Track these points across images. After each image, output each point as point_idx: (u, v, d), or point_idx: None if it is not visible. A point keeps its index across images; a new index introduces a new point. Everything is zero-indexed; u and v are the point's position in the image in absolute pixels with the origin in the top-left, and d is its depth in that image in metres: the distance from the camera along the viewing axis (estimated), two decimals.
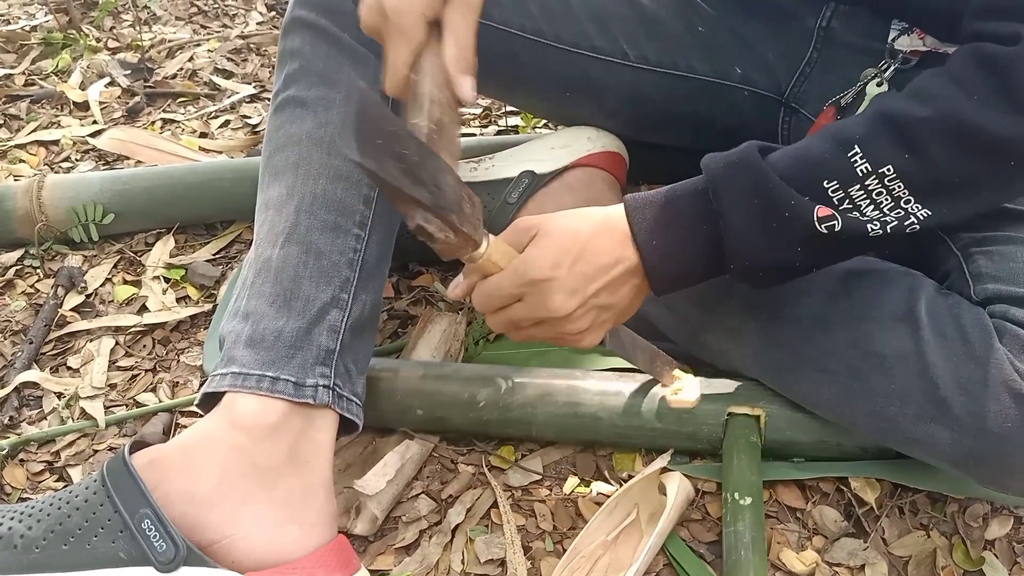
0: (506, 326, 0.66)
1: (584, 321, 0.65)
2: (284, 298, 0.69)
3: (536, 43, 0.86)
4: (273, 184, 0.75)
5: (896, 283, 0.69)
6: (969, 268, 0.69)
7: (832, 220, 0.62)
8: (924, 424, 0.64)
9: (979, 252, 0.69)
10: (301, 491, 0.65)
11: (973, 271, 0.68)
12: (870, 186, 0.62)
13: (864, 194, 0.62)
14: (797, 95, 0.89)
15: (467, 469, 0.78)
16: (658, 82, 0.89)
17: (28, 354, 0.92)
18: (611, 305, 0.65)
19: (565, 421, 0.77)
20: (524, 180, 0.93)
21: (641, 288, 0.67)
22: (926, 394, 0.64)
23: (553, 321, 0.64)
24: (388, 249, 0.78)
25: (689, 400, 0.74)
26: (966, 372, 0.62)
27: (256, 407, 0.65)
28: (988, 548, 0.72)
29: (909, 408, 0.65)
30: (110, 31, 1.60)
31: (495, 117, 1.31)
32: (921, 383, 0.64)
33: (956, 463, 0.65)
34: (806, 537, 0.73)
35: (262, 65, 1.49)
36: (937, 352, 0.64)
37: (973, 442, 0.62)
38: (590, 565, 0.69)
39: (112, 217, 1.04)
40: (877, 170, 0.61)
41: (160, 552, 0.60)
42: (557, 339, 0.66)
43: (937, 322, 0.65)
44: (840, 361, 0.68)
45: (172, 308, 0.97)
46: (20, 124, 1.34)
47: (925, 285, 0.68)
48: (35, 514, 0.63)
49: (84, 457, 0.82)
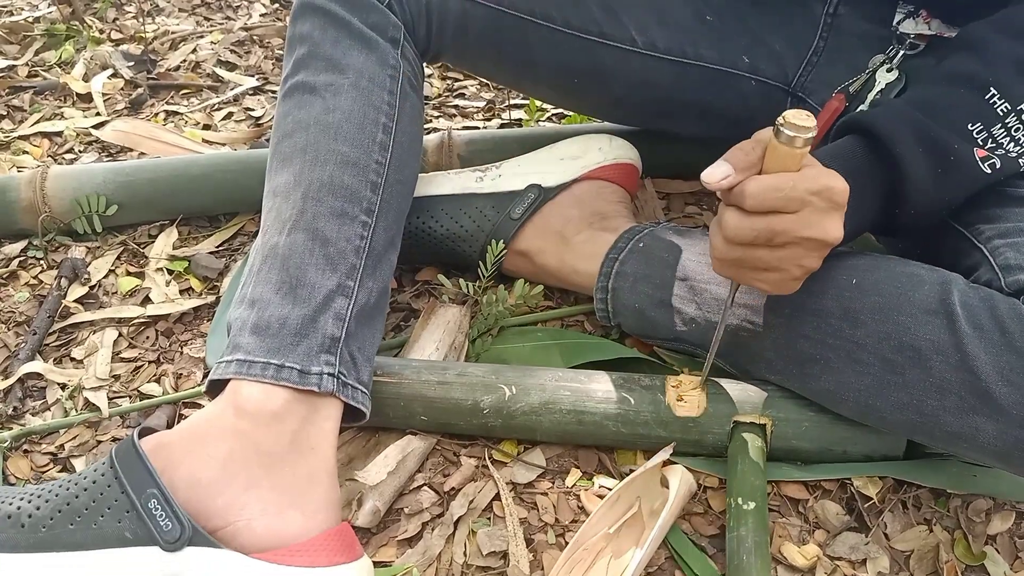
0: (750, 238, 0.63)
1: (816, 261, 0.65)
2: (290, 285, 0.69)
3: (546, 28, 0.86)
4: (281, 171, 0.75)
5: (924, 278, 0.69)
6: (997, 261, 0.69)
7: (991, 158, 0.68)
8: (967, 416, 0.64)
9: (1005, 245, 0.70)
10: (305, 477, 0.66)
11: (1002, 263, 0.69)
12: (1010, 124, 0.68)
13: (1005, 132, 0.68)
14: (804, 84, 0.89)
15: (469, 462, 0.78)
16: (666, 70, 0.89)
17: (32, 345, 0.92)
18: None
19: (570, 428, 0.77)
20: (530, 195, 0.92)
21: None
22: (967, 386, 0.64)
23: (812, 245, 0.63)
24: (396, 236, 0.78)
25: (694, 409, 0.74)
26: (1008, 362, 0.62)
27: (260, 394, 0.66)
28: (990, 543, 0.72)
29: (949, 401, 0.65)
30: (113, 23, 1.60)
31: (498, 110, 1.31)
32: (961, 375, 0.64)
33: (1001, 455, 0.65)
34: (807, 531, 0.73)
35: (265, 57, 1.48)
36: (976, 343, 0.64)
37: (1021, 431, 0.62)
38: (592, 557, 0.69)
39: (115, 208, 1.04)
40: (1016, 107, 0.68)
41: (166, 532, 0.61)
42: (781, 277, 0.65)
43: (972, 314, 0.65)
44: (872, 354, 0.68)
45: (175, 300, 0.97)
46: (23, 115, 1.33)
47: (955, 279, 0.68)
48: (43, 495, 0.63)
49: (88, 448, 0.82)
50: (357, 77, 0.77)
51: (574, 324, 0.92)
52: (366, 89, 0.77)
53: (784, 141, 0.59)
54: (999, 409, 0.63)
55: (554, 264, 0.90)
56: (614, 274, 0.83)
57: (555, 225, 0.90)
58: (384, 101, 0.77)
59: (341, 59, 0.77)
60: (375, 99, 0.77)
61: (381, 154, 0.76)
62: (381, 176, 0.75)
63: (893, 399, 0.68)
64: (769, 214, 0.62)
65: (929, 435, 0.68)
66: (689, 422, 0.75)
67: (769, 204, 0.61)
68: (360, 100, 0.76)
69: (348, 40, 0.78)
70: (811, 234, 0.62)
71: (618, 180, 0.95)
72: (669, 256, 0.81)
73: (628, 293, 0.82)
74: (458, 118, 1.31)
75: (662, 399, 0.76)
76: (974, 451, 0.66)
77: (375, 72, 0.78)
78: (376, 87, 0.78)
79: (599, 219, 0.90)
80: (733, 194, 0.62)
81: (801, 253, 0.63)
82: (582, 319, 0.93)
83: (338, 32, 0.78)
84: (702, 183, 0.62)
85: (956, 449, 0.68)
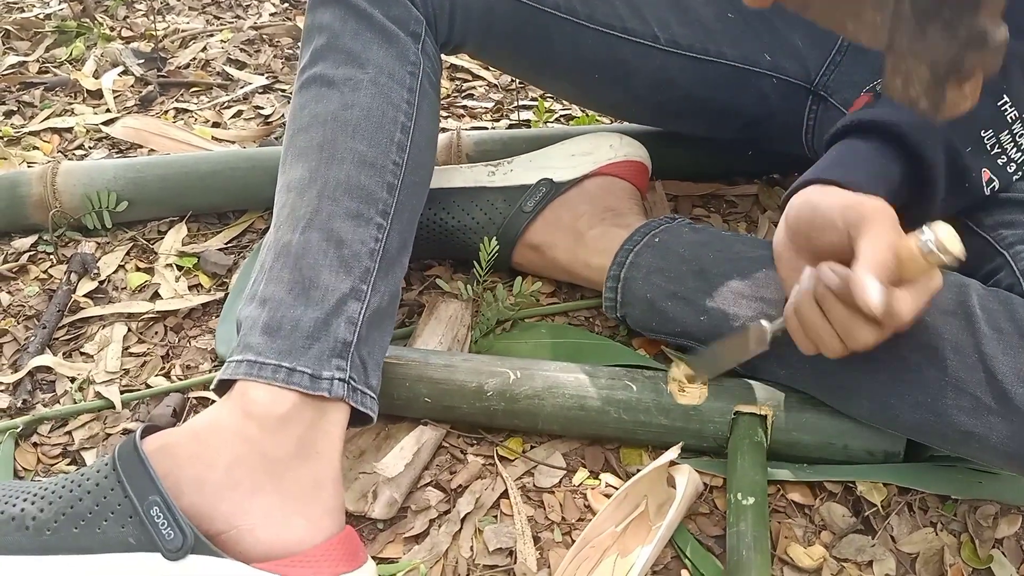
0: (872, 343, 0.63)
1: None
2: (303, 286, 0.68)
3: (569, 22, 0.86)
4: (296, 165, 0.74)
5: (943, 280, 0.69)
6: (1018, 265, 0.70)
7: (993, 181, 0.70)
8: (982, 416, 0.65)
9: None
10: (310, 483, 0.65)
11: (1022, 268, 0.69)
12: (1016, 130, 0.69)
13: (1010, 138, 0.69)
14: (827, 83, 0.89)
15: (476, 460, 0.79)
16: (687, 67, 0.89)
17: (41, 339, 0.92)
18: None
19: (571, 414, 0.77)
20: (542, 188, 0.92)
21: None
22: (983, 386, 0.64)
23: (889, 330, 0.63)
24: (409, 238, 0.77)
25: (696, 397, 0.74)
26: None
27: (268, 397, 0.65)
28: (996, 547, 0.72)
29: (964, 400, 0.65)
30: (124, 20, 1.60)
31: (507, 111, 1.32)
32: (978, 375, 0.65)
33: (1011, 456, 0.65)
34: (813, 532, 0.73)
35: (275, 56, 1.49)
36: (995, 345, 0.64)
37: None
38: (599, 555, 0.69)
39: (125, 204, 1.04)
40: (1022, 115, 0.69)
41: (168, 540, 0.60)
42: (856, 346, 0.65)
43: (991, 316, 0.65)
44: (889, 351, 0.68)
45: (184, 296, 0.98)
46: (34, 111, 1.34)
47: (972, 283, 0.69)
48: (47, 496, 0.63)
49: (98, 440, 0.82)
50: (377, 73, 0.76)
51: (581, 323, 0.92)
52: (385, 86, 0.76)
53: (934, 261, 0.59)
54: (1015, 410, 0.63)
55: (565, 258, 0.90)
56: (628, 264, 0.83)
57: (566, 219, 0.91)
58: (403, 99, 0.77)
59: (361, 52, 0.76)
60: (394, 97, 0.76)
61: (398, 154, 0.75)
62: (398, 178, 0.74)
63: (909, 398, 0.68)
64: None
65: (942, 436, 0.68)
66: (690, 410, 0.76)
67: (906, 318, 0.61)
68: (379, 97, 0.75)
69: (369, 33, 0.77)
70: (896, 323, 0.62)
71: (629, 177, 0.95)
72: (685, 251, 0.81)
73: (640, 283, 0.82)
74: (467, 118, 1.31)
75: (664, 387, 0.77)
76: (985, 452, 0.66)
77: (395, 68, 0.77)
78: (396, 84, 0.77)
79: (612, 215, 0.90)
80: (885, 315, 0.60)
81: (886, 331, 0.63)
82: (590, 316, 0.93)
83: (359, 24, 0.77)
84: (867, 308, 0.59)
85: (967, 450, 0.68)
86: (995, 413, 0.64)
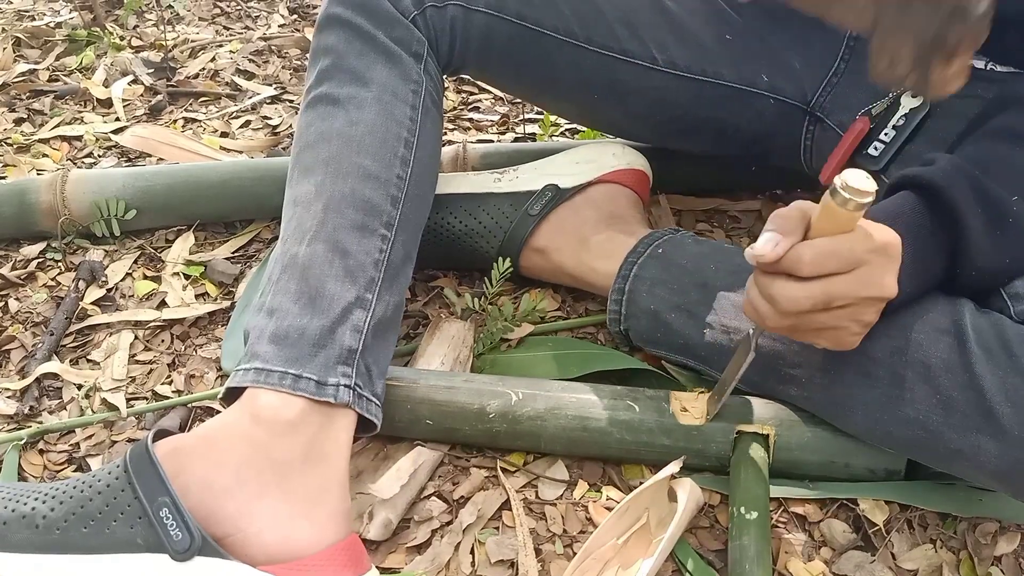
0: (807, 306, 0.61)
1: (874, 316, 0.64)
2: (309, 296, 0.70)
3: (567, 44, 0.87)
4: (302, 181, 0.76)
5: (937, 300, 0.70)
6: (1006, 290, 0.70)
7: None
8: (970, 435, 0.65)
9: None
10: (316, 488, 0.66)
11: (1011, 292, 0.70)
12: None
13: None
14: (823, 104, 0.90)
15: (479, 471, 0.79)
16: (685, 87, 0.90)
17: (49, 346, 0.93)
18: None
19: (574, 435, 0.77)
20: (547, 193, 0.93)
21: None
22: (972, 404, 0.65)
23: (870, 302, 0.62)
24: (413, 250, 0.79)
25: (698, 417, 0.75)
26: (1013, 384, 0.64)
27: (277, 403, 0.66)
28: (995, 564, 0.73)
29: (954, 418, 0.66)
30: (134, 30, 1.62)
31: (513, 124, 1.32)
32: (967, 394, 0.65)
33: (999, 475, 0.66)
34: (814, 547, 0.74)
35: (283, 67, 1.50)
36: (984, 364, 0.65)
37: (1021, 452, 0.63)
38: (600, 567, 0.70)
39: (134, 213, 1.05)
40: None
41: (176, 541, 0.61)
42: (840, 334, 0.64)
43: (982, 337, 0.66)
44: (883, 367, 0.69)
45: (191, 304, 0.99)
46: (44, 119, 1.35)
47: (965, 303, 0.70)
48: (57, 495, 0.64)
49: (104, 448, 0.83)
50: (380, 91, 0.78)
51: (585, 336, 0.93)
52: (389, 103, 0.78)
53: (842, 203, 0.57)
54: (1001, 429, 0.64)
55: (571, 262, 0.91)
56: (632, 277, 0.84)
57: (572, 224, 0.92)
58: (406, 116, 0.79)
59: (365, 72, 0.78)
60: (398, 114, 0.78)
61: (402, 169, 0.77)
62: (401, 191, 0.76)
63: (900, 414, 0.68)
64: (825, 278, 0.60)
65: (933, 452, 0.69)
66: (692, 431, 0.76)
67: (828, 268, 0.60)
68: (383, 114, 0.77)
69: (373, 54, 0.79)
70: (870, 293, 0.62)
71: (632, 185, 0.96)
72: (688, 263, 0.82)
73: (645, 295, 0.83)
74: (472, 131, 1.32)
75: (666, 407, 0.77)
76: (974, 470, 0.67)
77: (398, 87, 0.79)
78: (399, 102, 0.79)
79: (617, 221, 0.92)
80: (784, 262, 0.60)
81: (859, 311, 0.63)
82: (593, 332, 0.94)
83: (363, 45, 0.79)
84: (751, 259, 0.60)
85: (957, 468, 0.68)
86: (983, 432, 0.64)
